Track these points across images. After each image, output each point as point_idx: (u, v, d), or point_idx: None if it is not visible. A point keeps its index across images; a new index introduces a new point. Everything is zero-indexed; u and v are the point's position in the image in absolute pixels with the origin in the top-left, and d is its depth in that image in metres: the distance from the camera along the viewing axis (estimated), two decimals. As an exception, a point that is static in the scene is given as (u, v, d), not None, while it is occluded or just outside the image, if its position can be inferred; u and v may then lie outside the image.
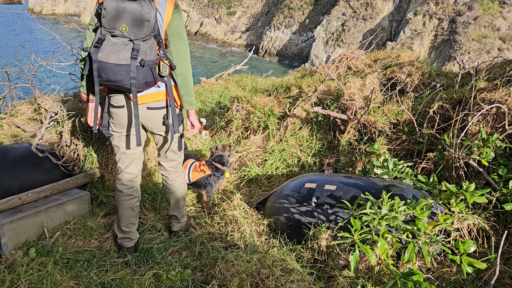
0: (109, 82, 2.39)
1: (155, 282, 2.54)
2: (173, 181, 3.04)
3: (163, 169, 3.02)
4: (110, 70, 2.34)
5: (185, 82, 2.66)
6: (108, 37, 2.34)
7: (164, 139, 2.85)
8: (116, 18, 2.32)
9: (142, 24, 2.35)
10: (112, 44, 2.33)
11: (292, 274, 2.35)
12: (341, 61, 4.79)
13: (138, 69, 2.38)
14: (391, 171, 3.00)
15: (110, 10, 2.31)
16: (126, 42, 2.35)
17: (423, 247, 2.19)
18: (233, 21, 46.03)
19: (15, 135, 3.99)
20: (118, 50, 2.33)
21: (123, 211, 2.90)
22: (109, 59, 2.32)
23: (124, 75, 2.36)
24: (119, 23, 2.33)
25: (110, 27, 2.34)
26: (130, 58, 2.34)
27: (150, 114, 2.67)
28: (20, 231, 2.95)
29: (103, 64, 2.32)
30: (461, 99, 3.41)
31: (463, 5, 28.61)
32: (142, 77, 2.42)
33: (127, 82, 2.39)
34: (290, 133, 4.32)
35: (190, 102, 2.73)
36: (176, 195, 3.08)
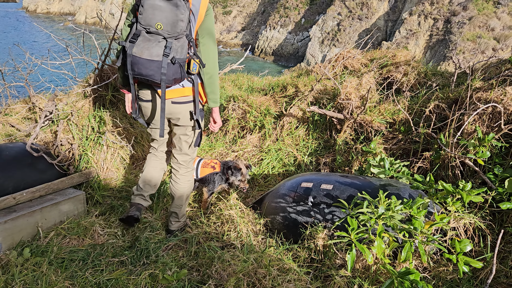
0: (140, 76, 2.54)
1: (151, 282, 2.52)
2: (183, 175, 3.10)
3: (175, 162, 3.10)
4: (143, 65, 2.48)
5: (212, 80, 2.75)
6: (143, 33, 2.47)
7: (184, 132, 2.95)
8: (153, 15, 2.42)
9: (176, 24, 2.46)
10: (146, 40, 2.46)
11: (289, 274, 2.34)
12: (338, 60, 4.79)
13: (169, 65, 2.51)
14: (388, 170, 3.00)
15: (147, 8, 2.42)
16: (159, 40, 2.47)
17: (419, 246, 2.19)
18: (228, 20, 45.97)
19: (9, 134, 3.96)
20: (151, 47, 2.46)
21: (147, 170, 3.15)
22: (142, 54, 2.46)
23: (155, 70, 2.49)
24: (155, 21, 2.43)
25: (146, 23, 2.45)
26: (162, 55, 2.47)
27: (174, 107, 2.79)
28: (15, 231, 2.92)
29: (136, 58, 2.47)
30: (457, 98, 3.41)
31: (458, 5, 28.74)
32: (172, 74, 2.55)
33: (157, 77, 2.52)
34: (287, 133, 4.31)
35: (215, 100, 2.84)
36: (182, 191, 3.11)
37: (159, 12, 2.42)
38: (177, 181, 3.10)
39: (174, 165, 3.12)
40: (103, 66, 4.00)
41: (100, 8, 50.36)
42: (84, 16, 50.43)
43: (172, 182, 3.13)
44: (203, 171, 3.56)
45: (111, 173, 3.92)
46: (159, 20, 2.43)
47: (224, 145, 4.59)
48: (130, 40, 2.48)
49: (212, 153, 4.48)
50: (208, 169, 3.54)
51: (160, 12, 2.42)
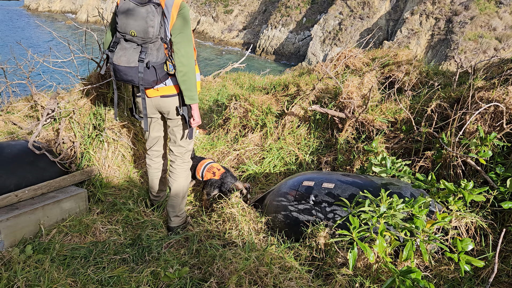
0: (122, 81, 2.75)
1: (153, 280, 2.53)
2: (179, 166, 3.20)
3: (171, 154, 3.22)
4: (122, 71, 2.68)
5: (185, 78, 2.80)
6: (121, 41, 2.66)
7: (175, 124, 3.07)
8: (127, 24, 2.59)
9: (147, 30, 2.59)
10: (123, 48, 2.65)
11: (290, 272, 2.35)
12: (339, 59, 4.79)
13: (145, 70, 2.68)
14: (389, 169, 3.00)
15: (121, 17, 2.59)
16: (135, 46, 2.65)
17: (421, 245, 2.19)
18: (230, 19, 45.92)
19: (11, 132, 3.97)
20: (128, 54, 2.64)
21: (152, 182, 3.44)
22: (120, 62, 2.65)
23: (134, 75, 2.68)
24: (129, 29, 2.59)
25: (123, 31, 2.62)
26: (138, 60, 2.64)
27: (163, 101, 2.94)
28: (17, 228, 2.93)
29: (116, 66, 2.67)
30: (459, 97, 3.41)
31: (460, 5, 28.68)
32: (149, 77, 2.72)
33: (136, 81, 2.72)
34: (288, 131, 4.32)
35: (191, 97, 2.87)
36: (178, 182, 3.19)
37: (132, 21, 2.57)
38: (174, 171, 3.21)
39: (171, 157, 3.24)
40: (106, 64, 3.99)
41: (101, 6, 50.35)
42: (85, 15, 50.42)
43: (170, 174, 3.25)
44: (206, 175, 3.60)
45: (113, 171, 3.93)
46: (132, 27, 2.59)
47: (226, 143, 4.59)
48: (109, 49, 2.68)
49: (213, 151, 4.48)
50: (209, 174, 3.57)
51: (132, 20, 2.57)
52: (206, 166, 3.63)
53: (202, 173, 3.62)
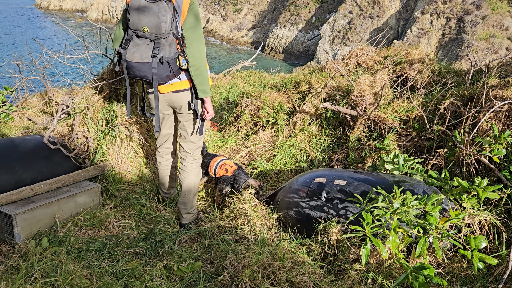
0: (135, 77, 2.80)
1: (166, 273, 2.56)
2: (189, 163, 3.20)
3: (182, 150, 3.23)
4: (135, 68, 2.72)
5: (198, 73, 2.85)
6: (133, 38, 2.70)
7: (186, 119, 3.09)
8: (139, 20, 2.62)
9: (159, 26, 2.62)
10: (136, 45, 2.68)
11: (303, 267, 2.36)
12: (351, 57, 4.78)
13: (158, 65, 2.70)
14: (402, 167, 3.00)
15: (133, 13, 2.62)
16: (147, 42, 2.68)
17: (434, 242, 2.20)
18: (239, 18, 45.93)
19: (26, 127, 4.03)
20: (141, 50, 2.67)
21: (162, 179, 3.47)
22: (133, 59, 2.69)
23: (147, 71, 2.71)
24: (141, 25, 2.63)
25: (135, 28, 2.66)
26: (151, 56, 2.66)
27: (175, 96, 2.97)
28: (33, 221, 2.99)
29: (129, 63, 2.71)
30: (473, 96, 3.40)
31: (471, 4, 28.39)
32: (163, 72, 2.75)
33: (150, 77, 2.75)
34: (299, 129, 4.33)
35: (204, 90, 2.92)
36: (189, 179, 3.20)
37: (144, 16, 2.60)
38: (184, 169, 3.22)
39: (181, 154, 3.26)
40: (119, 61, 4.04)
41: (111, 5, 50.68)
42: (95, 13, 50.81)
43: (180, 171, 3.26)
44: (219, 171, 3.62)
45: (125, 167, 3.97)
46: (145, 24, 2.61)
47: (237, 140, 4.62)
48: (122, 46, 2.72)
49: (224, 148, 4.51)
50: (222, 171, 3.59)
51: (144, 16, 2.60)
52: (219, 163, 3.65)
53: (215, 170, 3.65)
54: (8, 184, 3.07)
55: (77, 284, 2.32)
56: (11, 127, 4.14)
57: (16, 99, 4.59)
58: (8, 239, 2.88)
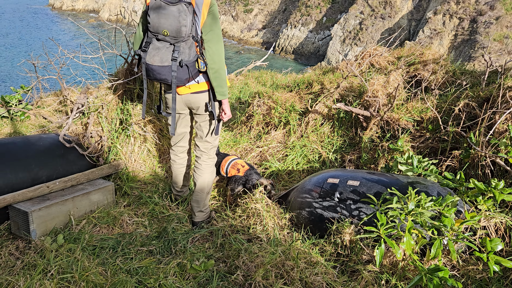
0: (155, 80, 2.82)
1: (180, 271, 2.58)
2: (204, 162, 3.25)
3: (197, 149, 3.27)
4: (155, 71, 2.73)
5: (217, 75, 2.88)
6: (153, 41, 2.71)
7: (203, 120, 3.12)
8: (159, 24, 2.62)
9: (180, 30, 2.63)
10: (156, 48, 2.69)
11: (316, 267, 2.36)
12: (364, 58, 4.76)
13: (178, 68, 2.72)
14: (416, 168, 2.98)
15: (153, 17, 2.61)
16: (167, 45, 2.69)
17: (449, 244, 2.18)
18: (249, 18, 45.97)
19: (42, 126, 4.09)
20: (161, 53, 2.69)
21: (176, 177, 3.49)
22: (154, 62, 2.70)
23: (167, 74, 2.73)
24: (161, 28, 2.63)
25: (155, 31, 2.66)
26: (171, 59, 2.68)
27: (193, 97, 3.00)
28: (48, 218, 3.03)
29: (150, 66, 2.72)
30: (488, 97, 3.36)
31: (485, 5, 28.05)
32: (182, 75, 2.77)
33: (169, 80, 2.77)
34: (311, 129, 4.32)
35: (222, 93, 2.96)
36: (203, 178, 3.24)
37: (164, 20, 2.60)
38: (199, 167, 3.25)
39: (196, 153, 3.29)
40: (132, 61, 4.08)
41: (123, 5, 51.10)
42: (107, 13, 51.27)
43: (195, 169, 3.30)
44: (230, 171, 3.63)
45: (138, 165, 4.01)
46: (165, 27, 2.62)
47: (249, 140, 4.63)
48: (142, 49, 2.72)
49: (236, 148, 4.52)
50: (234, 170, 3.60)
51: (165, 20, 2.60)
52: (231, 162, 3.67)
53: (227, 170, 3.66)
54: (25, 182, 3.12)
55: (93, 280, 2.34)
56: (27, 126, 4.21)
57: (32, 98, 4.66)
58: (24, 235, 2.92)
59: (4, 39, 37.47)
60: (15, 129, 4.12)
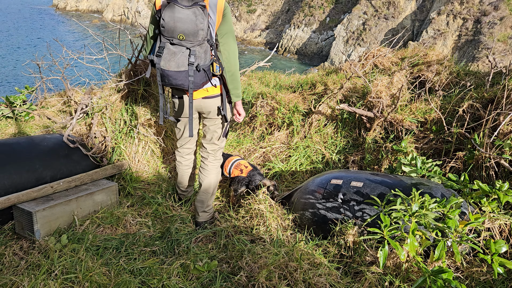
0: (171, 85, 2.75)
1: (183, 272, 2.58)
2: (211, 163, 3.25)
3: (204, 151, 3.27)
4: (171, 76, 2.66)
5: (233, 78, 2.89)
6: (167, 45, 2.62)
7: (213, 123, 3.11)
8: (174, 28, 2.55)
9: (197, 33, 2.58)
10: (171, 53, 2.62)
11: (319, 268, 2.36)
12: (368, 58, 4.76)
13: (195, 73, 2.67)
14: (419, 169, 2.97)
15: (168, 20, 2.53)
16: (183, 50, 2.62)
17: (453, 245, 2.17)
18: (253, 19, 45.97)
19: (46, 126, 4.11)
20: (177, 58, 2.62)
21: (181, 178, 3.46)
22: (170, 67, 2.63)
23: (184, 79, 2.67)
24: (177, 33, 2.56)
25: (169, 35, 2.59)
26: (188, 64, 2.63)
27: (204, 102, 2.96)
28: (52, 218, 3.04)
29: (165, 71, 2.65)
30: (493, 98, 3.35)
31: (489, 5, 27.93)
32: (199, 80, 2.73)
33: (186, 85, 2.71)
34: (315, 130, 4.32)
35: (238, 94, 2.98)
36: (209, 178, 3.24)
37: (180, 24, 2.53)
38: (205, 168, 3.26)
39: (203, 153, 3.29)
40: (136, 61, 4.10)
41: (126, 6, 51.22)
42: (111, 14, 51.41)
43: (201, 170, 3.30)
44: (233, 172, 3.63)
45: (142, 166, 4.02)
46: (181, 31, 2.55)
47: (252, 141, 4.63)
48: (156, 54, 2.63)
49: (240, 148, 4.52)
50: (237, 171, 3.60)
51: (181, 24, 2.53)
52: (234, 163, 3.67)
53: (230, 170, 3.67)
54: (29, 182, 3.14)
55: (96, 280, 2.35)
56: (31, 126, 4.23)
57: (36, 98, 4.68)
58: (28, 235, 2.93)
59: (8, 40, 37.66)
60: (20, 129, 4.14)
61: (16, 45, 35.78)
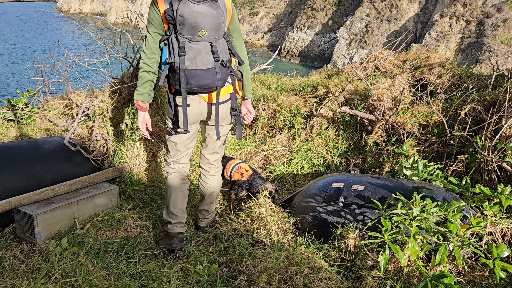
0: (198, 87, 2.52)
1: (183, 276, 2.57)
2: (213, 175, 3.08)
3: (205, 162, 3.05)
4: (200, 76, 2.47)
5: (248, 72, 2.81)
6: (188, 44, 2.43)
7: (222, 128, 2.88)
8: (196, 24, 2.38)
9: (219, 27, 2.46)
10: (196, 51, 2.44)
11: (320, 272, 2.35)
12: (369, 61, 4.75)
13: (221, 69, 2.53)
14: (421, 172, 2.96)
15: (188, 17, 2.36)
16: (206, 46, 2.46)
17: (455, 250, 2.16)
18: (255, 21, 46.07)
19: (48, 129, 4.11)
20: (202, 56, 2.45)
21: (176, 195, 2.94)
22: (198, 66, 2.45)
23: (212, 78, 2.50)
24: (199, 29, 2.40)
25: (189, 33, 2.41)
26: (214, 61, 2.48)
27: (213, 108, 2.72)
28: (53, 221, 3.04)
29: (192, 71, 2.45)
30: (495, 101, 3.33)
31: (492, 7, 27.89)
32: (225, 76, 2.58)
33: (214, 84, 2.53)
34: (316, 133, 4.31)
35: (250, 90, 2.89)
36: (213, 189, 3.10)
37: (202, 19, 2.38)
38: (207, 181, 3.08)
39: (204, 165, 3.08)
40: (138, 65, 4.10)
41: (130, 8, 51.44)
42: (114, 17, 51.65)
43: (202, 183, 3.11)
44: (234, 175, 3.62)
45: (143, 169, 4.01)
46: (203, 26, 2.40)
47: (253, 144, 4.62)
48: (179, 54, 2.42)
49: (241, 151, 4.52)
50: (238, 175, 3.59)
51: (203, 19, 2.38)
52: (235, 166, 3.66)
53: (230, 173, 3.66)
54: (30, 185, 3.14)
55: (96, 284, 2.35)
56: (33, 129, 4.24)
57: (38, 101, 4.70)
58: (29, 238, 2.93)
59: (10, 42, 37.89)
60: (21, 132, 4.15)
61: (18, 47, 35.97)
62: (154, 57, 2.55)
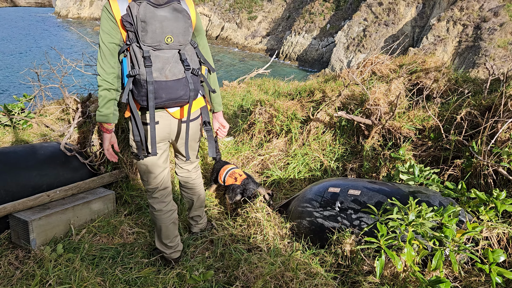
0: (169, 100, 2.23)
1: (179, 282, 2.56)
2: (196, 179, 2.96)
3: (184, 172, 2.89)
4: (171, 88, 2.19)
5: (216, 82, 2.60)
6: (154, 53, 2.14)
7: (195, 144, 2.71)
8: (161, 30, 2.13)
9: (187, 31, 2.23)
10: (163, 60, 2.16)
11: (316, 278, 2.34)
12: (366, 66, 4.76)
13: (193, 78, 2.27)
14: (417, 177, 2.95)
15: (152, 22, 2.10)
16: (174, 54, 2.19)
17: (451, 255, 2.15)
18: (254, 25, 46.19)
19: (44, 134, 4.10)
20: (171, 65, 2.18)
21: (167, 228, 2.72)
22: (167, 77, 2.17)
23: (184, 89, 2.24)
24: (164, 35, 2.14)
25: (154, 41, 2.13)
26: (184, 70, 2.22)
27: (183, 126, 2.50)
28: (48, 227, 3.02)
29: (162, 83, 2.16)
30: (490, 105, 3.34)
31: (489, 11, 28.03)
32: (197, 87, 2.32)
33: (187, 96, 2.27)
34: (313, 137, 4.31)
35: (220, 102, 2.68)
36: (199, 192, 3.02)
37: (167, 24, 2.13)
38: (193, 187, 2.97)
39: (183, 174, 2.89)
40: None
41: (128, 13, 51.45)
42: (113, 21, 51.63)
43: (187, 191, 2.97)
44: (228, 180, 3.61)
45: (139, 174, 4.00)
46: (169, 32, 2.14)
47: (250, 148, 4.62)
48: (145, 65, 2.10)
49: (238, 156, 4.51)
50: (231, 179, 3.58)
51: (168, 23, 2.13)
52: (229, 171, 3.66)
53: (224, 178, 3.65)
54: (25, 190, 3.13)
55: (91, 291, 2.33)
56: (29, 134, 4.22)
57: (35, 106, 4.68)
58: (24, 244, 2.92)
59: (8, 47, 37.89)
60: (17, 137, 4.13)
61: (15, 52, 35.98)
62: (114, 71, 2.22)
